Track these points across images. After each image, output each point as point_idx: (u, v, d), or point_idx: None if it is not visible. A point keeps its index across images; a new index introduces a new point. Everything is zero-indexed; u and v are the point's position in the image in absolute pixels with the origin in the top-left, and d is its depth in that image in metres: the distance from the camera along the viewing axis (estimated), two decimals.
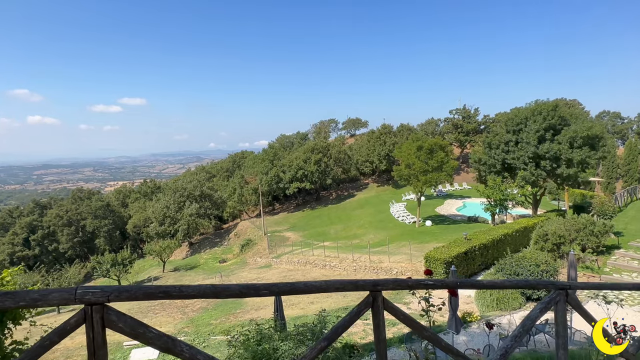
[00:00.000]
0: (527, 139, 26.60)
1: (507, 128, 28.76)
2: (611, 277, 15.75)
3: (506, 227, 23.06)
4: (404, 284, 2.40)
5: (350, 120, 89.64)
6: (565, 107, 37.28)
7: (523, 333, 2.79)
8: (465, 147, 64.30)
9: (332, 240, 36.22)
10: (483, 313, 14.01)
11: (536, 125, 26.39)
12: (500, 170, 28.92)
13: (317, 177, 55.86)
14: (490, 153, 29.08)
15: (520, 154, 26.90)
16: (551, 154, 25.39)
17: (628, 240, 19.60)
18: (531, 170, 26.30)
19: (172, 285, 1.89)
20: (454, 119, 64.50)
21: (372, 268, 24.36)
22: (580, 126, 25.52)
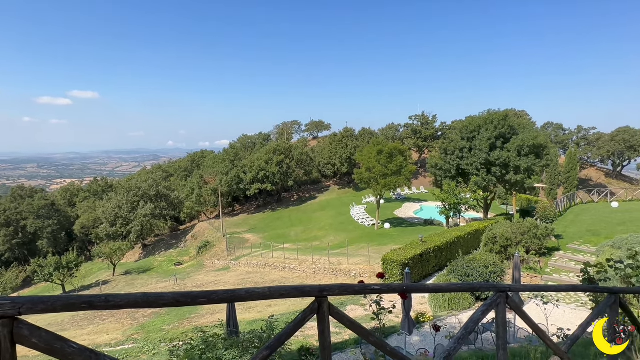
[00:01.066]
0: (480, 146, 27.94)
1: (461, 135, 30.06)
2: (552, 277, 16.86)
3: (459, 230, 24.06)
4: (350, 290, 2.37)
5: (313, 122, 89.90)
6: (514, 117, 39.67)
7: (466, 335, 2.85)
8: (423, 152, 66.54)
9: (292, 242, 36.05)
10: (436, 313, 14.48)
11: (488, 134, 27.79)
12: (455, 175, 30.16)
13: (278, 179, 55.48)
14: (446, 159, 30.25)
15: (473, 160, 28.21)
16: (501, 161, 26.84)
17: (567, 243, 21.10)
18: (483, 176, 27.65)
19: (96, 294, 1.73)
20: (413, 125, 66.52)
21: (332, 270, 24.49)
22: (527, 136, 27.20)
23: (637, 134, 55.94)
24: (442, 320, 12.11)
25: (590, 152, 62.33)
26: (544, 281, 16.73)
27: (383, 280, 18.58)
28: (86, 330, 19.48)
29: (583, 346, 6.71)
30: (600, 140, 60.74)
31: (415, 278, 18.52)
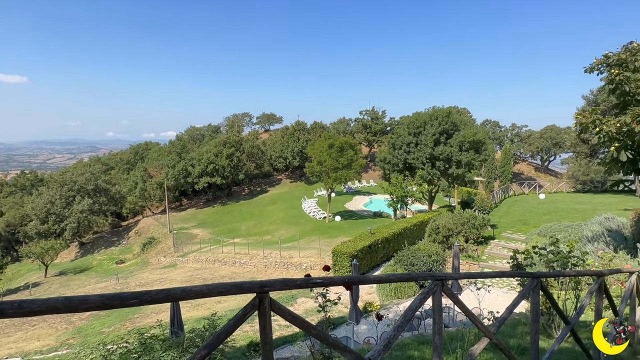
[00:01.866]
0: (425, 141, 29.24)
1: (408, 130, 31.25)
2: (487, 264, 18.18)
3: (406, 222, 25.09)
4: (292, 284, 2.37)
5: (264, 115, 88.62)
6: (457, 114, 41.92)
7: (405, 322, 2.97)
8: (373, 146, 68.32)
9: (243, 237, 35.56)
10: (383, 302, 15.03)
11: (433, 129, 29.15)
12: (402, 169, 31.34)
13: (229, 172, 54.27)
14: (394, 153, 31.31)
15: (419, 154, 29.46)
16: (444, 155, 28.31)
17: (501, 232, 22.83)
18: (428, 170, 29.00)
19: (8, 301, 1.57)
20: (363, 120, 67.97)
21: (283, 264, 24.53)
22: (468, 132, 28.92)
23: (561, 132, 61.66)
24: (388, 309, 12.60)
25: (522, 148, 67.83)
26: (480, 268, 17.99)
27: (334, 272, 18.92)
28: (12, 337, 17.81)
29: (511, 326, 7.33)
30: (531, 137, 66.27)
31: (364, 269, 19.06)
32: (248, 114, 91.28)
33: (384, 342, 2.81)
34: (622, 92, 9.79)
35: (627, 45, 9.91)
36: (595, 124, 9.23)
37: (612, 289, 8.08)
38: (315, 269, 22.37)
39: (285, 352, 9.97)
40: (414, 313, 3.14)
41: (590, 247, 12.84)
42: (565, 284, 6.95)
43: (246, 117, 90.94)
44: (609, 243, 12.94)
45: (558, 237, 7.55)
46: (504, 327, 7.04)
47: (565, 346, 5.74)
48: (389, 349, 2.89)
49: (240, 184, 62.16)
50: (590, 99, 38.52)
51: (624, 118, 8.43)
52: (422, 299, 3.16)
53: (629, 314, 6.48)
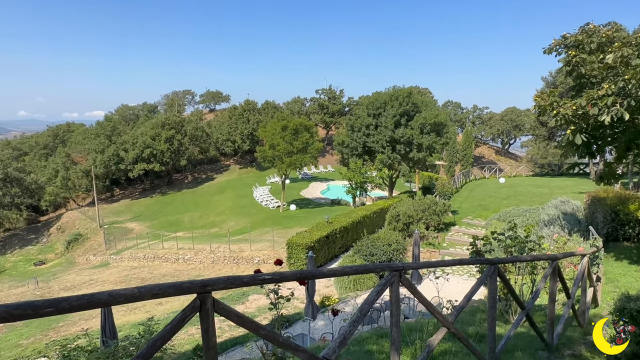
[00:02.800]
0: (385, 123, 29.88)
1: (368, 111, 31.73)
2: (448, 251, 19.18)
3: (365, 209, 25.70)
4: (238, 282, 2.34)
5: (209, 93, 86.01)
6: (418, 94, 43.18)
7: (361, 317, 3.06)
8: (331, 128, 68.73)
9: (186, 230, 34.85)
10: (342, 295, 15.41)
11: (393, 110, 29.83)
12: (362, 153, 31.89)
13: (169, 157, 52.49)
14: (353, 136, 31.73)
15: (379, 137, 30.10)
16: (405, 138, 29.14)
17: (462, 218, 24.12)
18: (388, 154, 29.75)
19: None
20: (320, 99, 67.98)
21: (232, 258, 24.37)
22: (429, 114, 29.92)
23: (522, 115, 65.63)
24: (346, 302, 12.95)
25: (483, 131, 71.52)
26: (441, 255, 18.95)
27: (288, 266, 19.03)
28: None
29: (470, 314, 7.83)
30: (492, 119, 70.02)
31: (321, 261, 19.36)
32: (190, 91, 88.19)
33: (340, 338, 2.88)
34: (578, 75, 10.56)
35: (584, 27, 10.66)
36: (552, 106, 9.88)
37: (566, 272, 8.85)
38: (269, 262, 22.41)
39: (235, 354, 9.96)
40: (370, 306, 3.25)
41: (546, 230, 13.94)
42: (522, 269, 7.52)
43: (188, 94, 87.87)
44: (564, 226, 14.13)
45: (516, 222, 8.11)
46: (463, 315, 7.50)
47: (521, 331, 6.23)
48: (344, 345, 2.97)
49: (183, 170, 60.65)
50: (549, 81, 41.22)
51: (579, 101, 9.10)
52: (379, 291, 3.27)
53: (580, 296, 7.16)
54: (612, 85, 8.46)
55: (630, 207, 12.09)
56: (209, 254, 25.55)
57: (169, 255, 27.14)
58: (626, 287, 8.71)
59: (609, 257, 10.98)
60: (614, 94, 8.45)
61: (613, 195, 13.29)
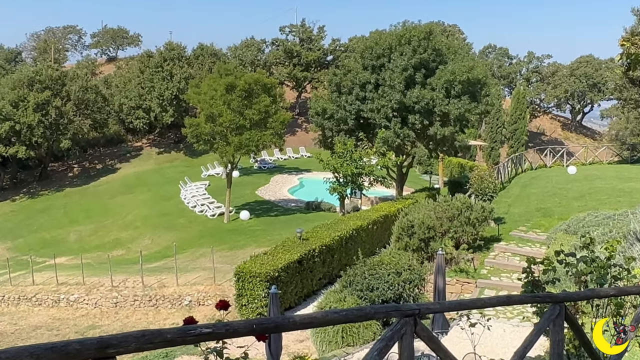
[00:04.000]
0: (392, 80, 30.06)
1: (364, 62, 31.80)
2: (489, 282, 19.53)
3: (360, 218, 25.79)
4: (158, 339, 2.35)
5: (107, 31, 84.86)
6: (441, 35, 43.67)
7: None
8: (305, 89, 68.73)
9: (72, 254, 34.56)
10: (323, 354, 15.51)
11: (404, 61, 30.04)
12: (354, 128, 32.00)
13: (41, 136, 51.65)
14: (340, 101, 31.80)
15: (381, 103, 30.26)
16: (422, 104, 29.40)
17: (510, 229, 24.58)
18: (396, 129, 29.97)
19: None
20: (287, 42, 67.78)
21: (148, 298, 24.27)
22: (460, 66, 30.26)
23: (602, 67, 67.25)
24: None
25: (543, 93, 72.96)
26: (479, 288, 19.30)
27: (238, 310, 18.99)
28: None
29: None
30: (557, 74, 71.51)
31: (291, 300, 19.37)
32: (75, 27, 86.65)
33: None
34: None
35: None
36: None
37: None
38: (208, 304, 22.33)
39: None
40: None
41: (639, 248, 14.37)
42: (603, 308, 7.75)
43: (72, 33, 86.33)
44: None
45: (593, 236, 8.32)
46: None
47: None
48: None
49: (65, 157, 60.05)
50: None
51: None
52: (384, 348, 3.33)
53: None
54: None
55: None
56: (109, 292, 25.29)
57: (44, 294, 26.71)
58: None
59: None
60: None
61: None
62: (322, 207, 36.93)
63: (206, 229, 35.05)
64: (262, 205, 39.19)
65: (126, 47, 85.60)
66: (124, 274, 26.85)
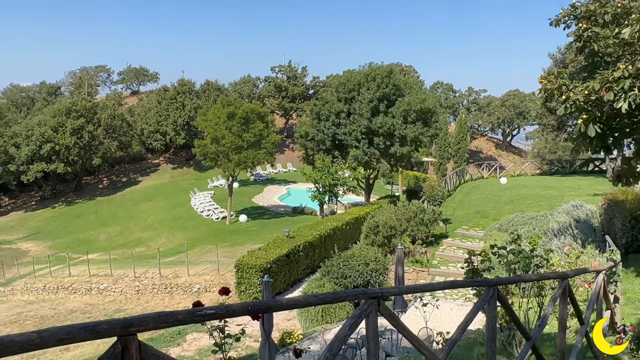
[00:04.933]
0: (360, 110, 30.30)
1: (338, 95, 32.04)
2: (439, 270, 19.68)
3: (336, 220, 25.89)
4: (171, 319, 2.33)
5: (131, 69, 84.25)
6: (400, 73, 44.14)
7: (330, 358, 3.11)
8: (291, 116, 68.90)
9: (102, 251, 34.23)
10: (307, 330, 15.48)
11: (370, 94, 30.29)
12: (331, 148, 32.15)
13: (76, 155, 51.30)
14: (319, 126, 31.92)
15: (352, 128, 30.46)
16: (385, 129, 29.66)
17: (455, 228, 24.80)
18: (364, 149, 30.16)
19: None
20: (276, 79, 68.01)
21: (164, 287, 24.06)
22: (414, 98, 30.60)
23: (526, 99, 68.33)
24: (313, 339, 13.03)
25: (480, 119, 73.95)
26: (431, 275, 19.42)
27: (238, 295, 18.89)
28: None
29: (466, 348, 8.09)
30: (491, 105, 72.48)
31: (281, 286, 19.33)
32: (105, 67, 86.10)
33: None
34: (591, 52, 11.15)
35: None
36: (561, 90, 10.37)
37: (579, 292, 9.32)
38: (212, 291, 22.20)
39: None
40: (342, 344, 3.31)
41: (556, 242, 14.58)
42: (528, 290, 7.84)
43: (102, 72, 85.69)
44: (577, 236, 14.84)
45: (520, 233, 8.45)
46: (457, 350, 7.74)
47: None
48: None
49: (96, 172, 59.64)
50: (558, 59, 43.16)
51: (592, 84, 9.60)
52: (353, 325, 3.33)
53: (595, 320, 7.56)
54: (630, 66, 8.95)
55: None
56: (132, 282, 24.99)
57: (79, 284, 26.32)
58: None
59: (629, 273, 11.63)
60: (631, 76, 8.96)
61: (633, 198, 14.08)
62: (305, 211, 36.96)
63: (212, 230, 34.91)
64: (257, 210, 39.14)
65: (147, 82, 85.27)
66: (144, 267, 26.69)
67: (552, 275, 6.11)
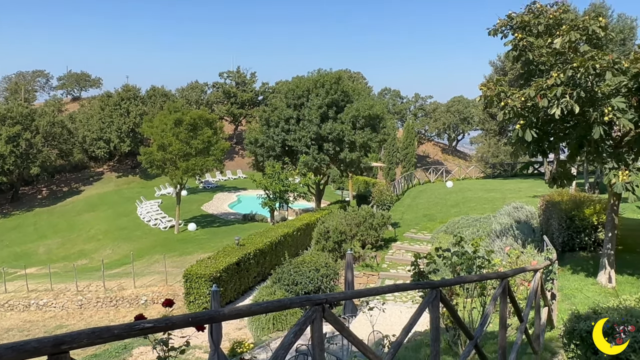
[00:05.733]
0: (310, 116, 30.43)
1: (287, 101, 32.06)
2: (388, 273, 19.99)
3: (286, 226, 25.85)
4: (106, 334, 2.26)
5: (72, 75, 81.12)
6: (349, 80, 44.66)
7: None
8: (240, 123, 68.32)
9: (42, 265, 32.54)
10: (258, 338, 15.34)
11: (319, 100, 30.50)
12: (281, 154, 32.08)
13: (12, 164, 48.68)
14: (269, 132, 31.82)
15: (302, 134, 30.54)
16: (334, 135, 29.92)
17: (404, 231, 25.29)
18: (314, 155, 30.29)
19: None
20: (225, 85, 67.31)
21: (109, 299, 23.22)
22: (363, 104, 31.07)
23: (470, 105, 70.76)
24: (264, 347, 12.92)
25: (427, 125, 75.88)
26: (381, 279, 19.70)
27: (187, 305, 18.49)
28: None
29: (414, 349, 8.26)
30: (437, 111, 74.56)
31: (231, 295, 19.09)
32: (43, 72, 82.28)
33: None
34: (527, 60, 11.72)
35: (531, 5, 11.87)
36: (500, 97, 10.85)
37: (520, 290, 9.73)
38: (161, 302, 21.56)
39: None
40: (287, 351, 3.30)
41: (499, 243, 15.17)
42: (471, 291, 8.11)
43: (40, 76, 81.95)
44: (518, 237, 15.50)
45: (463, 235, 8.73)
46: (405, 352, 7.89)
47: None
48: None
49: (34, 182, 56.97)
50: (498, 66, 45.05)
51: (528, 91, 10.09)
52: (298, 332, 3.34)
53: (534, 317, 7.91)
54: (561, 74, 9.49)
55: (586, 211, 13.63)
56: (74, 296, 23.93)
57: (16, 300, 24.90)
58: (583, 303, 9.80)
59: (565, 270, 12.26)
60: (563, 83, 9.49)
61: (568, 199, 14.88)
62: (256, 218, 36.68)
63: (159, 240, 34.01)
64: (206, 218, 38.49)
65: (88, 88, 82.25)
66: (88, 280, 25.61)
67: (493, 275, 6.35)
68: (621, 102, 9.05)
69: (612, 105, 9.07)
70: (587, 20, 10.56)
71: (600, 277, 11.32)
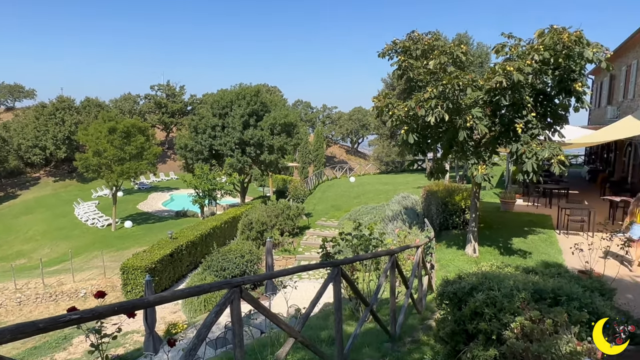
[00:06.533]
0: (233, 124, 29.86)
1: (213, 111, 31.20)
2: (304, 256, 20.16)
3: (215, 220, 25.21)
4: (32, 328, 2.07)
5: (4, 86, 72.97)
6: (266, 93, 44.33)
7: (198, 344, 3.02)
8: (171, 130, 65.46)
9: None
10: (192, 319, 14.81)
11: (241, 110, 30.00)
12: (208, 157, 31.19)
13: None
14: (197, 138, 30.80)
15: (227, 139, 29.88)
16: (255, 140, 29.59)
17: (316, 220, 25.63)
18: (238, 157, 29.76)
19: None
20: (156, 97, 64.12)
21: (49, 294, 21.24)
22: (279, 113, 31.01)
23: (367, 114, 73.11)
24: (197, 327, 12.50)
25: (334, 131, 77.36)
26: (297, 261, 19.82)
27: (124, 294, 17.43)
28: None
29: (323, 318, 8.40)
30: (341, 119, 76.27)
31: (166, 283, 18.29)
32: None
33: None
34: (408, 78, 12.31)
35: (410, 34, 12.48)
36: (388, 107, 11.31)
37: (407, 264, 10.24)
38: None
39: None
40: (209, 330, 3.22)
41: (391, 226, 15.85)
42: (369, 266, 8.41)
43: None
44: (406, 220, 16.29)
45: (362, 221, 9.03)
46: (315, 321, 8.01)
47: (370, 327, 6.97)
48: None
49: None
50: (389, 82, 46.89)
51: (409, 103, 10.63)
52: (219, 311, 3.27)
53: (418, 285, 8.37)
54: (434, 89, 10.10)
55: (456, 198, 14.62)
56: (13, 294, 21.59)
57: None
58: (455, 270, 10.50)
59: (441, 245, 13.07)
60: (436, 97, 10.11)
61: (443, 189, 15.86)
62: (188, 214, 35.36)
63: (97, 237, 31.67)
64: (142, 216, 36.45)
65: (22, 99, 74.41)
66: (26, 278, 23.22)
67: (383, 252, 6.62)
68: (479, 112, 9.80)
69: (472, 114, 9.78)
70: (453, 47, 11.32)
71: (467, 249, 12.19)
